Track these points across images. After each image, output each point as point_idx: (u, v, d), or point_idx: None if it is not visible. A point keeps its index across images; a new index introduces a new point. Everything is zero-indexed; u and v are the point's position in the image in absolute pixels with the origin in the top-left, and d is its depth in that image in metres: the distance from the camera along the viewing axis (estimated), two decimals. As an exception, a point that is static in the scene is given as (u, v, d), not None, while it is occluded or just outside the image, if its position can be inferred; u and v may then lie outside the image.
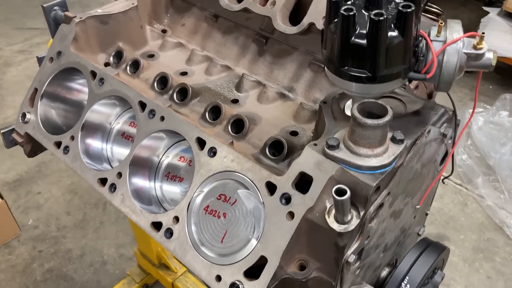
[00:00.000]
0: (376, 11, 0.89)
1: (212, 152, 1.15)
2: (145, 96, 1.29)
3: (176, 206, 1.16)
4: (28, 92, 1.52)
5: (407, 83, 1.04)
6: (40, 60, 1.66)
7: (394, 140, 0.99)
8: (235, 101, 1.42)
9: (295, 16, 1.45)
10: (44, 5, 1.59)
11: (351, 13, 0.91)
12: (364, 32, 0.93)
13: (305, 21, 1.36)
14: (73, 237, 3.30)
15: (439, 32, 0.99)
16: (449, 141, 1.20)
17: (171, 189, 1.33)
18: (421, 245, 1.23)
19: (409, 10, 0.89)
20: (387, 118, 0.92)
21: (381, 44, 0.92)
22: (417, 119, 1.11)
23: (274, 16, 1.41)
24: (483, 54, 0.99)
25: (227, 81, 1.48)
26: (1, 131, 1.68)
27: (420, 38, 1.00)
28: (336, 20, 0.96)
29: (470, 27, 4.93)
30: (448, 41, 0.98)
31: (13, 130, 1.57)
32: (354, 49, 0.95)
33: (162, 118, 1.24)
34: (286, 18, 1.44)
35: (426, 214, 1.41)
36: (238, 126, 1.31)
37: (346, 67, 0.98)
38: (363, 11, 0.96)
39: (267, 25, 1.50)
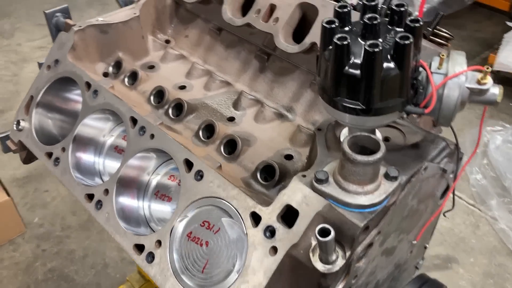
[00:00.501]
0: (370, 42, 0.83)
1: (199, 176, 1.10)
2: (137, 111, 1.25)
3: (160, 228, 1.12)
4: (24, 99, 1.50)
5: (405, 115, 0.97)
6: (41, 65, 1.63)
7: (387, 176, 0.93)
8: (231, 119, 1.38)
9: (300, 32, 1.40)
10: (46, 11, 1.57)
11: (345, 43, 0.86)
12: (359, 62, 0.87)
13: (307, 40, 1.30)
14: (77, 238, 3.29)
15: (440, 64, 0.93)
16: (451, 176, 1.13)
17: (159, 208, 1.28)
18: (416, 283, 1.17)
19: (406, 42, 0.83)
20: (378, 155, 0.86)
21: (376, 76, 0.86)
22: (415, 152, 1.04)
23: (276, 33, 1.36)
24: (487, 90, 0.92)
25: (225, 98, 1.44)
26: (-1, 136, 1.66)
27: (420, 69, 0.94)
28: (330, 47, 0.90)
29: (494, 41, 4.81)
30: (449, 74, 0.92)
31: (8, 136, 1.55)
32: (348, 80, 0.89)
33: (152, 136, 1.20)
34: (289, 35, 1.39)
35: (425, 247, 1.34)
36: (231, 146, 1.26)
37: (339, 97, 0.92)
38: (359, 39, 0.90)
39: (270, 41, 1.45)
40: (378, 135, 1.08)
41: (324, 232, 0.87)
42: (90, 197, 1.26)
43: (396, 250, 1.11)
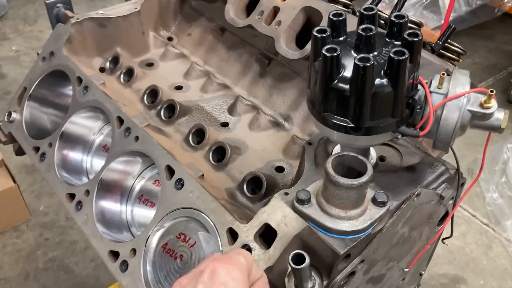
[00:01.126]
0: (361, 56, 0.76)
1: (180, 184, 1.04)
2: (124, 111, 1.20)
3: (136, 237, 1.06)
4: (18, 90, 1.46)
5: (399, 136, 0.90)
6: (40, 56, 1.60)
7: (374, 201, 0.85)
8: (225, 124, 1.31)
9: (304, 37, 1.33)
10: (47, 1, 1.53)
11: (334, 54, 0.78)
12: (349, 76, 0.80)
13: (309, 47, 1.23)
14: (80, 229, 3.27)
15: (441, 83, 0.85)
16: (450, 202, 1.05)
17: (142, 213, 1.23)
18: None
19: (401, 57, 0.76)
20: (363, 179, 0.79)
21: (366, 93, 0.79)
22: (410, 176, 0.96)
23: (277, 37, 1.29)
24: (491, 114, 0.84)
25: (221, 102, 1.38)
26: (-6, 125, 1.63)
27: (419, 87, 0.86)
28: (320, 58, 0.83)
29: (521, 55, 4.64)
30: (450, 95, 0.84)
31: (1, 126, 1.52)
32: (336, 94, 0.82)
33: (137, 138, 1.14)
34: (292, 40, 1.32)
35: (421, 274, 1.26)
36: (220, 154, 1.20)
37: (328, 113, 0.85)
38: (352, 51, 0.83)
39: (271, 45, 1.38)
40: (373, 153, 1.01)
41: (299, 258, 0.80)
42: (72, 196, 1.22)
43: (385, 278, 1.04)
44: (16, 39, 4.99)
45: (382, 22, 1.19)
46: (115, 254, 1.09)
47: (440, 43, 1.15)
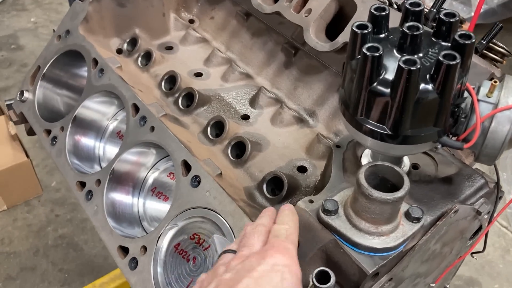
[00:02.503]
0: (406, 58, 0.67)
1: (196, 182, 0.98)
2: (141, 98, 1.13)
3: (148, 233, 1.01)
4: (31, 68, 1.40)
5: (439, 146, 0.82)
6: (56, 33, 1.53)
7: (408, 216, 0.78)
8: (246, 117, 1.24)
9: (334, 28, 1.24)
10: (65, -24, 1.45)
11: (376, 54, 0.70)
12: (390, 79, 0.72)
13: (340, 39, 1.15)
14: (90, 210, 3.25)
15: (491, 91, 0.76)
16: (485, 216, 0.97)
17: (154, 207, 1.17)
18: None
19: (452, 62, 0.67)
20: (399, 194, 0.71)
21: (408, 99, 0.71)
22: (446, 189, 0.89)
23: (306, 27, 1.20)
24: (546, 129, 0.75)
25: (242, 92, 1.30)
26: (6, 102, 1.58)
27: (464, 95, 0.77)
28: (359, 57, 0.75)
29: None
30: (501, 105, 0.75)
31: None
32: (375, 98, 0.74)
33: (152, 129, 1.08)
34: (322, 30, 1.23)
35: (445, 288, 1.19)
36: (240, 149, 1.13)
37: (363, 117, 0.77)
38: (395, 51, 0.75)
39: (299, 34, 1.29)
40: (406, 161, 0.93)
41: (323, 276, 0.74)
42: (82, 185, 1.17)
43: (409, 294, 0.97)
44: (35, 10, 4.93)
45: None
46: (124, 250, 1.03)
47: (484, 42, 1.06)
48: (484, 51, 1.07)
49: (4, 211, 3.14)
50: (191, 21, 1.56)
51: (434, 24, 1.10)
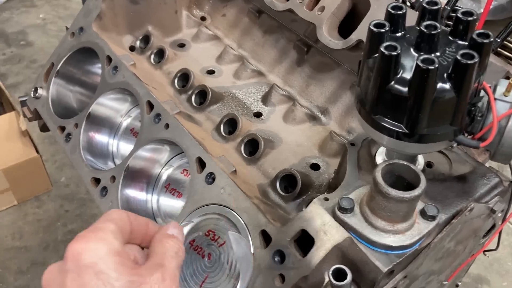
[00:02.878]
0: (424, 57, 0.68)
1: (211, 178, 0.99)
2: (155, 96, 1.14)
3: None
4: (45, 65, 1.41)
5: (455, 145, 0.82)
6: (68, 30, 1.54)
7: (423, 214, 0.78)
8: (258, 114, 1.24)
9: (347, 26, 1.24)
10: (78, -26, 1.46)
11: (394, 53, 0.70)
12: (408, 78, 0.72)
13: (354, 36, 1.15)
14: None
15: (508, 90, 0.76)
16: (499, 215, 0.97)
17: (168, 203, 1.18)
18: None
19: (470, 62, 0.67)
20: (416, 192, 0.72)
21: (426, 98, 0.71)
22: (460, 187, 0.89)
23: (319, 24, 1.20)
24: (562, 128, 0.76)
25: (255, 90, 1.31)
26: (20, 99, 1.59)
27: (481, 94, 0.78)
28: (376, 55, 0.75)
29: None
30: (518, 104, 0.75)
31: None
32: (392, 97, 0.74)
33: (167, 126, 1.09)
34: (334, 28, 1.23)
35: (457, 286, 1.19)
36: (253, 146, 1.14)
37: (379, 116, 0.78)
38: (411, 50, 0.75)
39: (312, 32, 1.29)
40: (420, 159, 0.93)
41: (339, 274, 0.74)
42: (97, 181, 1.18)
43: (422, 291, 0.97)
44: (44, 6, 4.95)
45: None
46: (139, 246, 1.04)
47: (498, 40, 1.06)
48: (499, 49, 1.07)
49: (15, 206, 3.17)
50: (203, 19, 1.57)
51: (447, 22, 1.11)
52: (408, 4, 1.24)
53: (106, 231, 0.61)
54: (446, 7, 1.12)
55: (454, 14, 1.09)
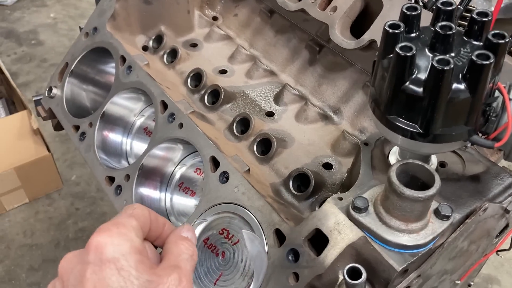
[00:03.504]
0: (440, 57, 0.68)
1: (225, 177, 1.00)
2: (169, 96, 1.15)
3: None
4: (59, 65, 1.43)
5: (469, 145, 0.82)
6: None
7: (437, 214, 0.79)
8: (270, 114, 1.25)
9: (359, 25, 1.24)
10: (92, -26, 1.48)
11: (409, 54, 0.71)
12: (423, 78, 0.73)
13: (366, 37, 1.15)
14: (110, 201, 3.30)
15: (523, 91, 0.77)
16: (513, 215, 0.97)
17: (181, 202, 1.19)
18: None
19: (485, 62, 0.68)
20: (431, 192, 0.72)
21: (441, 98, 0.71)
22: (474, 187, 0.89)
23: (332, 24, 1.21)
24: None
25: (267, 89, 1.31)
26: (33, 98, 1.61)
27: (496, 94, 0.78)
28: (391, 56, 0.76)
29: None
30: (533, 104, 0.75)
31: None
32: (406, 97, 0.75)
33: (181, 125, 1.10)
34: (347, 28, 1.24)
35: (469, 285, 1.19)
36: (265, 146, 1.15)
37: (394, 116, 0.78)
38: (426, 50, 0.75)
39: (324, 31, 1.30)
40: (434, 159, 0.94)
41: (354, 272, 0.75)
42: (111, 180, 1.19)
43: (435, 290, 0.98)
44: (54, 6, 4.99)
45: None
46: (153, 244, 1.06)
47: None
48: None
49: (26, 204, 3.21)
50: (215, 18, 1.58)
51: (460, 22, 1.11)
52: (421, 3, 1.24)
53: (128, 227, 0.62)
54: (459, 6, 1.12)
55: (467, 14, 1.09)
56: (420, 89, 0.73)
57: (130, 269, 0.58)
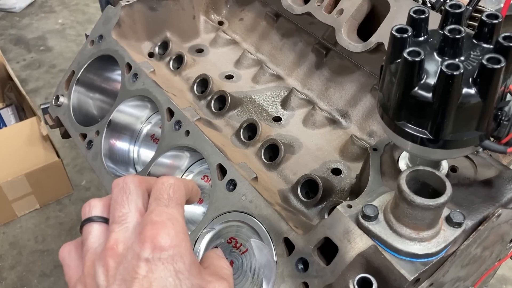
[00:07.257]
0: (449, 62, 0.66)
1: (232, 185, 0.98)
2: (175, 103, 1.14)
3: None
4: (66, 73, 1.43)
5: (480, 149, 0.80)
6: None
7: (449, 221, 0.77)
8: (278, 119, 1.24)
9: (366, 28, 1.23)
10: (97, -18, 1.48)
11: (417, 59, 0.69)
12: (432, 83, 0.71)
13: (373, 39, 1.13)
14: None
15: (535, 94, 0.75)
16: (527, 219, 0.95)
17: (188, 209, 1.18)
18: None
19: (496, 66, 0.66)
20: (442, 200, 0.70)
21: (451, 104, 0.70)
22: (487, 192, 0.87)
23: (338, 27, 1.19)
24: None
25: (274, 94, 1.30)
26: (41, 106, 1.62)
27: (507, 98, 0.76)
28: (399, 60, 0.74)
29: None
30: (546, 108, 0.73)
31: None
32: (415, 103, 0.73)
33: (187, 133, 1.09)
34: (354, 30, 1.22)
35: (483, 290, 1.17)
36: (273, 152, 1.13)
37: (403, 122, 0.77)
38: (435, 54, 0.74)
39: (331, 35, 1.29)
40: (444, 163, 0.92)
41: (364, 283, 0.73)
42: (119, 188, 1.18)
43: (448, 297, 0.96)
44: (62, 12, 5.02)
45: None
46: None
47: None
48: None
49: (37, 210, 3.23)
50: (220, 23, 1.57)
51: (469, 22, 1.08)
52: (428, 4, 1.22)
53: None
54: (468, 7, 1.10)
55: (476, 14, 1.07)
56: (429, 95, 0.71)
57: (185, 271, 0.56)
